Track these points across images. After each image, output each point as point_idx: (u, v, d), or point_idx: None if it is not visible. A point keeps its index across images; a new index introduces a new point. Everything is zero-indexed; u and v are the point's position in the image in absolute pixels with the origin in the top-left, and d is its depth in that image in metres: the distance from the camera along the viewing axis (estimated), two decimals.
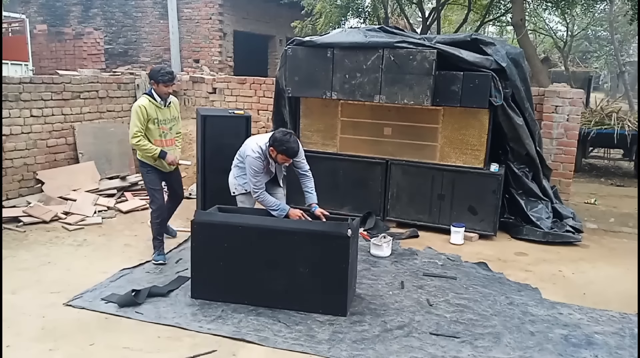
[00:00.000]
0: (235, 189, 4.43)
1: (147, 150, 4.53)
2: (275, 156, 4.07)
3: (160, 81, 4.49)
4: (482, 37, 5.73)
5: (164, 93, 4.56)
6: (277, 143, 4.00)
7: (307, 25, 12.29)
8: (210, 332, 3.50)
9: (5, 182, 6.10)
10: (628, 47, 23.72)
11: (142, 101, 4.53)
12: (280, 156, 4.04)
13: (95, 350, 3.29)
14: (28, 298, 3.92)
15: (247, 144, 4.27)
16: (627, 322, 3.83)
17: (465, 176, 5.63)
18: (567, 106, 6.15)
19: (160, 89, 4.53)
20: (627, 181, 9.05)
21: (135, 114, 4.47)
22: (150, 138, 4.57)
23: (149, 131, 4.55)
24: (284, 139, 3.99)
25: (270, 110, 7.29)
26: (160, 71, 4.51)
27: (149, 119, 4.52)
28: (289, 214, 4.06)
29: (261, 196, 4.11)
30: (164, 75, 4.48)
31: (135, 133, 4.47)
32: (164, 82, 4.49)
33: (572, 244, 5.53)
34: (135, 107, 4.49)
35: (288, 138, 4.00)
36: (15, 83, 6.26)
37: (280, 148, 4.00)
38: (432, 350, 3.37)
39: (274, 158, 4.11)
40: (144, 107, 4.47)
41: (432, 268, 4.80)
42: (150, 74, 4.60)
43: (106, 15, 13.60)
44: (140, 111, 4.46)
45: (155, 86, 4.53)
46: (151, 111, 4.52)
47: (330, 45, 5.63)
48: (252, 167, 4.08)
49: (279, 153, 4.02)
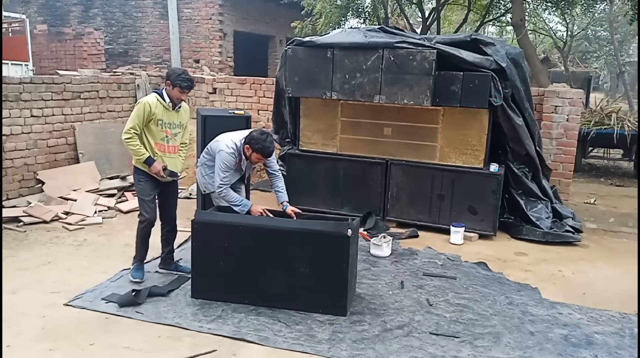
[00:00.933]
0: (205, 188, 4.41)
1: (134, 151, 4.08)
2: (249, 154, 4.09)
3: (177, 85, 4.09)
4: (482, 37, 5.74)
5: (177, 98, 4.16)
6: (254, 141, 4.02)
7: (307, 25, 12.30)
8: (211, 332, 3.51)
9: (5, 182, 6.10)
10: (628, 47, 23.73)
11: (149, 98, 4.14)
12: (255, 154, 4.06)
13: (95, 350, 3.29)
14: (28, 298, 3.93)
15: (219, 140, 4.24)
16: (627, 322, 3.83)
17: (465, 176, 5.63)
18: (567, 106, 6.16)
19: (174, 92, 4.13)
20: (627, 181, 9.05)
21: (137, 110, 4.07)
22: (152, 140, 4.14)
23: (150, 131, 4.13)
24: (261, 138, 4.02)
25: (270, 110, 7.30)
26: (181, 75, 4.13)
27: (152, 119, 4.09)
28: (251, 210, 4.05)
29: (224, 192, 4.07)
30: (184, 80, 4.10)
31: (128, 129, 4.04)
32: (181, 88, 4.10)
33: (572, 244, 5.54)
34: (140, 103, 4.11)
35: (265, 137, 4.03)
36: (15, 83, 6.26)
37: (256, 146, 4.02)
38: (432, 350, 3.37)
39: (249, 156, 4.12)
40: (149, 105, 4.07)
41: (432, 268, 4.80)
42: (169, 74, 4.22)
43: (106, 15, 13.60)
44: (144, 108, 4.05)
45: (170, 87, 4.12)
46: (157, 110, 4.11)
47: (330, 45, 5.64)
48: (224, 162, 4.06)
49: (254, 151, 4.04)
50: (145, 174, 4.19)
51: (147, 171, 4.16)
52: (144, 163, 4.10)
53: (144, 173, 4.19)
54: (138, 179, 4.25)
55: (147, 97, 4.18)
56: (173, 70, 4.30)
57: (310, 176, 6.16)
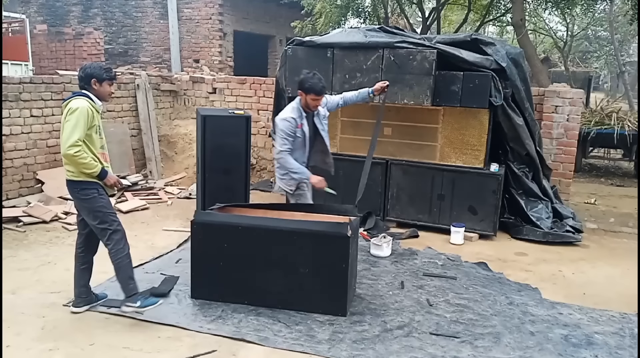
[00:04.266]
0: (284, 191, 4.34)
1: (86, 165, 3.49)
2: (305, 102, 4.05)
3: (106, 78, 3.63)
4: (482, 37, 5.74)
5: (108, 94, 3.71)
6: (302, 82, 4.02)
7: (307, 25, 12.29)
8: (210, 332, 3.50)
9: (5, 182, 6.10)
10: (628, 47, 23.71)
11: (84, 103, 3.53)
12: (309, 96, 4.01)
13: (95, 350, 3.29)
14: (28, 298, 3.92)
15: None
16: (627, 322, 3.83)
17: (465, 176, 5.63)
18: (567, 106, 6.15)
19: (104, 88, 3.65)
20: (627, 181, 9.05)
21: (79, 116, 3.45)
22: (94, 151, 3.59)
23: (91, 141, 3.57)
24: (308, 76, 4.02)
25: (270, 110, 7.29)
26: (102, 67, 3.68)
27: (92, 126, 3.56)
28: (311, 179, 3.98)
29: (283, 158, 4.02)
30: (109, 70, 3.68)
31: (76, 141, 3.43)
32: (110, 80, 3.67)
33: (572, 244, 5.53)
34: (80, 108, 3.48)
35: (312, 75, 4.02)
36: (15, 83, 6.26)
37: (306, 85, 3.99)
38: (432, 350, 3.37)
39: (305, 105, 4.07)
40: (91, 110, 3.53)
41: (432, 268, 4.79)
42: (91, 71, 3.62)
43: (106, 15, 13.60)
44: (87, 113, 3.49)
45: (98, 85, 3.61)
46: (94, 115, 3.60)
47: (330, 45, 5.64)
48: (281, 129, 4.04)
49: (306, 92, 4.01)
50: (97, 185, 3.61)
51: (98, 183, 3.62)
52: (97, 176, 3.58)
53: (96, 184, 3.60)
54: (96, 194, 3.60)
55: (80, 102, 3.53)
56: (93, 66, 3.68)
57: None
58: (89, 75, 3.61)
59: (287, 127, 4.05)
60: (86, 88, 3.62)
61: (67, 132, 3.46)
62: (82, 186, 3.57)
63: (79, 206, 3.68)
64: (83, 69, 3.66)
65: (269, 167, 8.03)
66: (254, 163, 7.93)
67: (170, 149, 8.30)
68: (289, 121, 4.06)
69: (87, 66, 3.68)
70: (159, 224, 5.84)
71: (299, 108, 4.12)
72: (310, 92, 4.01)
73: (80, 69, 3.70)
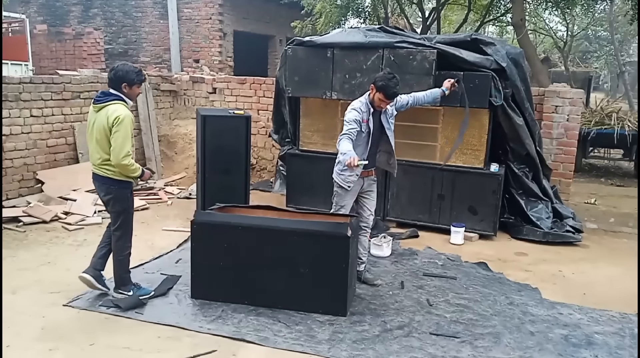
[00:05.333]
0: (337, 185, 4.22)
1: (134, 170, 3.72)
2: (373, 95, 4.00)
3: (137, 81, 3.74)
4: (482, 37, 5.74)
5: (137, 95, 3.85)
6: (378, 79, 3.96)
7: (307, 25, 12.29)
8: (210, 332, 3.50)
9: (5, 182, 6.10)
10: (628, 47, 23.72)
11: (124, 109, 3.67)
12: (378, 94, 3.96)
13: (95, 350, 3.29)
14: (28, 298, 3.92)
15: None
16: (627, 322, 3.83)
17: (465, 176, 5.63)
18: (567, 106, 6.15)
19: (133, 91, 3.76)
20: (627, 181, 9.05)
21: (127, 126, 3.62)
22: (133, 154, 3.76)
23: None
24: (386, 77, 3.95)
25: (270, 110, 7.30)
26: (134, 71, 3.74)
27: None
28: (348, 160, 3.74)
29: (342, 140, 3.89)
30: (140, 74, 3.76)
31: (128, 152, 3.62)
32: (140, 83, 3.77)
33: (572, 244, 5.53)
34: (126, 117, 3.62)
35: (390, 77, 3.96)
36: (15, 83, 6.26)
37: (379, 83, 3.93)
38: (432, 350, 3.37)
39: (372, 99, 4.02)
40: (131, 117, 3.67)
41: (432, 268, 4.79)
42: (123, 74, 3.70)
43: (106, 15, 13.59)
44: (131, 121, 3.65)
45: (128, 88, 3.71)
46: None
47: (330, 45, 5.64)
48: (349, 115, 4.00)
49: (377, 89, 3.95)
50: (131, 187, 3.89)
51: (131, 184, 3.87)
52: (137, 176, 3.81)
53: (130, 185, 3.87)
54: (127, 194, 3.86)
55: (123, 109, 3.66)
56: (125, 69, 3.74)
57: (310, 176, 6.14)
58: (120, 78, 3.69)
59: (354, 115, 3.98)
60: (116, 89, 3.71)
61: (119, 143, 3.59)
62: (122, 186, 3.79)
63: (111, 200, 3.83)
64: (115, 71, 3.72)
65: (269, 167, 8.03)
66: (254, 163, 7.93)
67: (170, 149, 8.30)
68: (357, 111, 4.00)
69: (118, 69, 3.73)
70: (159, 224, 5.84)
71: (367, 103, 4.06)
72: (380, 91, 3.95)
73: (111, 70, 3.76)
